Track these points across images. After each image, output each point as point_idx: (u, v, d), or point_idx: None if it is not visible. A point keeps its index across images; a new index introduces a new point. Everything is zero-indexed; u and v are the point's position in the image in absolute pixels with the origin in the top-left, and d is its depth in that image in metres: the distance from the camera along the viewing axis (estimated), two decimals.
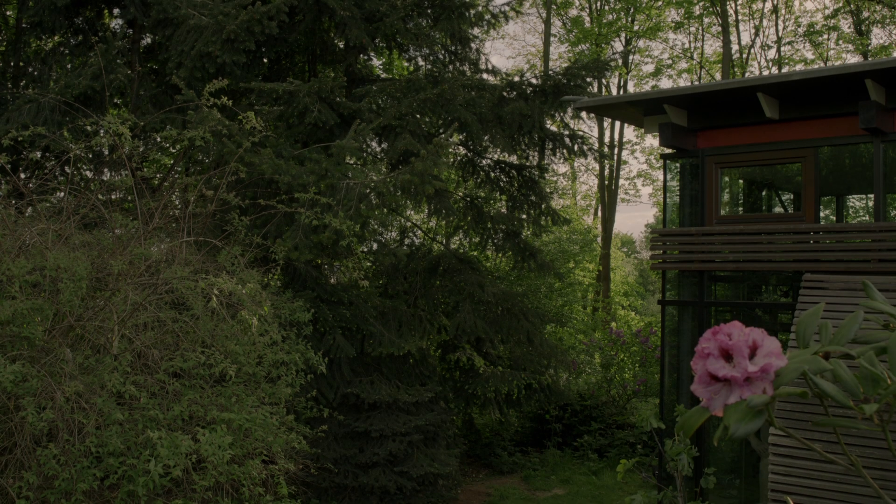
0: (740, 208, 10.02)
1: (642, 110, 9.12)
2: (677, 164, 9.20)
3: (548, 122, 11.99)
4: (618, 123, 24.52)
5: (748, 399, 1.22)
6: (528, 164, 12.58)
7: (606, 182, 23.65)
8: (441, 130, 10.88)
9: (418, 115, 10.23)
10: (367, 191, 8.62)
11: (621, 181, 30.89)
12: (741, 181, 10.09)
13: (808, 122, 8.23)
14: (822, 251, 7.94)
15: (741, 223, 8.55)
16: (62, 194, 8.69)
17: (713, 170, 8.64)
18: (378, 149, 11.82)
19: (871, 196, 8.66)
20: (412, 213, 15.18)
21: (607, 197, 23.50)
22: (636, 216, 75.54)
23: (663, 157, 9.12)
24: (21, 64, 11.63)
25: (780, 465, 6.98)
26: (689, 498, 7.85)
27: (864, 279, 1.55)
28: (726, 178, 9.48)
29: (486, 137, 11.43)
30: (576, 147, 12.23)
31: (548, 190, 13.10)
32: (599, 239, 22.45)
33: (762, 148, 8.38)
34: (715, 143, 8.69)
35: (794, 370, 1.25)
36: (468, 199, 12.03)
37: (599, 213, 24.75)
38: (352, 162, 10.17)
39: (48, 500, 6.31)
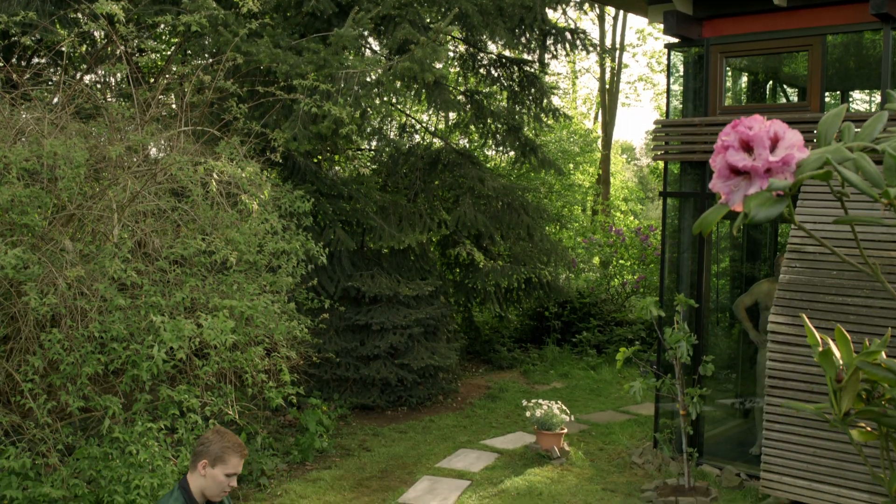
0: (743, 102, 9.89)
1: None
2: (680, 59, 9.04)
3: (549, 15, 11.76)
4: (619, 25, 24.04)
5: (769, 182, 1.18)
6: (529, 59, 12.38)
7: (607, 86, 23.33)
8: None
9: (417, 6, 10.01)
10: (367, 79, 8.49)
11: (622, 85, 30.46)
12: (745, 76, 9.94)
13: (816, 9, 8.04)
14: None
15: (745, 113, 8.46)
16: (56, 91, 8.56)
17: (718, 59, 8.49)
18: (377, 45, 11.61)
19: (878, 92, 8.52)
20: (412, 109, 15.02)
21: (608, 100, 23.21)
22: (636, 123, 74.74)
23: (667, 46, 8.95)
24: None
25: (778, 351, 7.04)
26: (687, 385, 7.95)
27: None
28: (729, 73, 9.32)
29: (486, 32, 11.22)
30: (577, 42, 12.02)
31: (549, 86, 12.91)
32: (599, 142, 22.26)
33: (768, 36, 8.22)
34: (720, 32, 8.52)
35: (817, 160, 1.21)
36: (469, 93, 11.88)
37: (600, 118, 24.47)
38: (350, 56, 9.99)
39: (54, 385, 6.39)
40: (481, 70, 12.55)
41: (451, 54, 12.67)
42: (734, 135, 1.26)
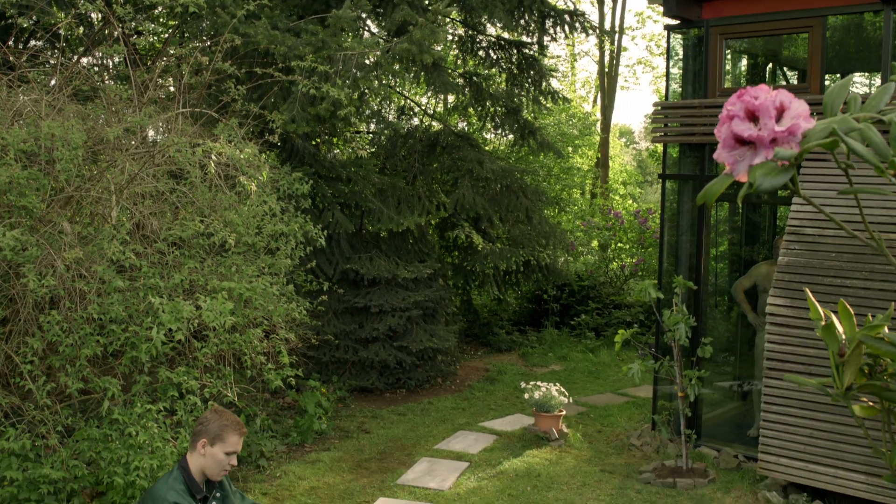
0: (743, 84, 9.86)
1: None
2: (680, 41, 9.01)
3: None
4: (618, 8, 23.93)
5: (775, 151, 1.18)
6: (528, 41, 12.34)
7: (606, 69, 23.25)
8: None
9: None
10: (366, 61, 8.46)
11: (621, 69, 30.33)
12: (745, 58, 9.91)
13: None
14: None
15: None
16: (53, 71, 8.52)
17: (717, 41, 8.46)
18: (375, 27, 11.56)
19: (878, 75, 8.50)
20: (410, 92, 14.97)
21: (607, 83, 23.14)
22: (635, 107, 74.67)
23: (667, 28, 8.92)
24: None
25: (776, 333, 7.05)
26: (685, 367, 7.96)
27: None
28: (729, 56, 9.29)
29: (484, 14, 11.16)
30: (576, 24, 11.97)
31: (548, 69, 12.87)
32: (598, 125, 22.21)
33: (769, 17, 8.19)
34: (720, 14, 8.48)
35: (823, 129, 1.20)
36: (467, 75, 11.84)
37: (599, 101, 24.40)
38: (348, 38, 9.95)
39: (53, 367, 6.39)
40: (480, 52, 12.50)
41: (450, 37, 12.63)
42: (740, 104, 1.25)
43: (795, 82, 10.04)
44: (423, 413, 9.67)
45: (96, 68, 10.37)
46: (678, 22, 8.76)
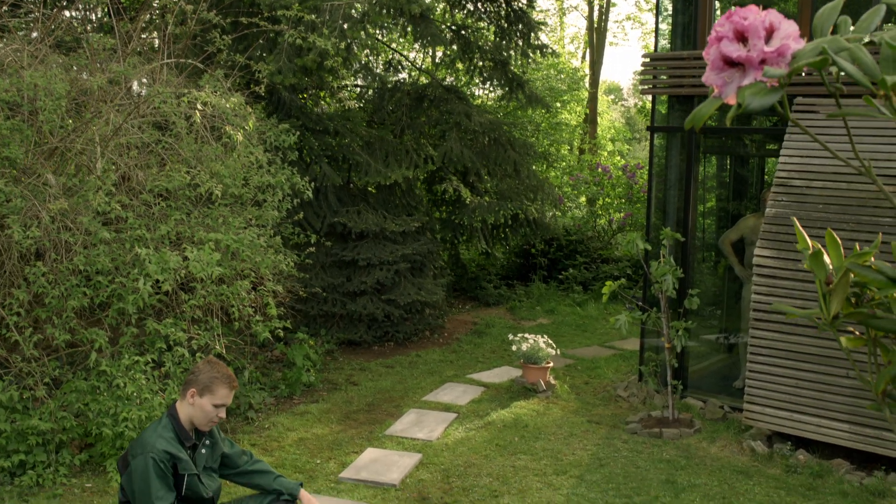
0: None
1: None
2: None
3: None
4: None
5: (764, 70, 1.16)
6: None
7: (595, 24, 23.08)
8: None
9: None
10: (352, 12, 8.36)
11: (610, 24, 30.06)
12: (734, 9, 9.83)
13: None
14: (816, 74, 7.79)
15: None
16: (35, 23, 8.39)
17: None
18: None
19: None
20: (397, 46, 14.83)
21: (596, 39, 22.98)
22: (623, 63, 74.25)
23: None
24: None
25: (763, 284, 7.08)
26: (672, 318, 8.00)
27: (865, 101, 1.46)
28: (718, 9, 9.22)
29: None
30: None
31: (537, 22, 12.73)
32: (587, 81, 22.08)
33: None
34: None
35: (813, 49, 1.19)
36: (455, 28, 11.73)
37: (587, 57, 24.23)
38: None
39: (39, 318, 6.37)
40: (468, 5, 12.37)
41: None
42: (728, 25, 1.23)
43: None
44: (411, 365, 9.71)
45: (79, 20, 10.22)
46: None
